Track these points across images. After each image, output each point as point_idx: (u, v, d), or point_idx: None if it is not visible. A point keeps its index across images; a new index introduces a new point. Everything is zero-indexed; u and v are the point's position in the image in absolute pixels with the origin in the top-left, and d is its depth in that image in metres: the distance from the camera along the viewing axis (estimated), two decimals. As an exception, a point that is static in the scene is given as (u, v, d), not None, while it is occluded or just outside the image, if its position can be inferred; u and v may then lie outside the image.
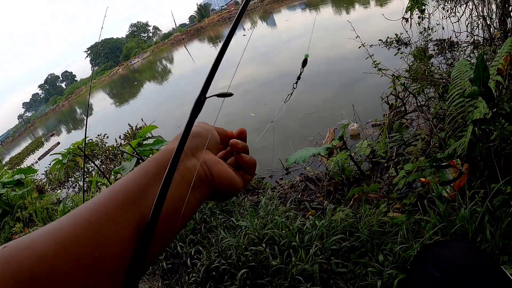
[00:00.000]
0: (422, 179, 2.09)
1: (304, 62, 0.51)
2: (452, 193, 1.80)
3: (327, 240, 1.66)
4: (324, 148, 2.95)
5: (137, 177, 0.38)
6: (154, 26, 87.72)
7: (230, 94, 0.45)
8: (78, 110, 39.58)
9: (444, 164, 1.95)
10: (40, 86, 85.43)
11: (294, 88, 0.53)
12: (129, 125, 10.16)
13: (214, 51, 27.43)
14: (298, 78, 0.51)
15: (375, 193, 2.38)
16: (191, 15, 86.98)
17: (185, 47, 46.24)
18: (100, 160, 4.23)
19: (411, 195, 2.06)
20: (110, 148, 9.41)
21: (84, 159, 3.15)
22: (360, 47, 4.21)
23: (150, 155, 3.41)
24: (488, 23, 4.10)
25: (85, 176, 8.35)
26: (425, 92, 3.86)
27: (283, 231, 1.84)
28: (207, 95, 0.40)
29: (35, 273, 0.27)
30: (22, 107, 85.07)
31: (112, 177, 6.02)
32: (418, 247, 1.42)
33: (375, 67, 3.87)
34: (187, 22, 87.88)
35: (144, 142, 3.47)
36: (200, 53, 31.06)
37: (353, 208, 2.15)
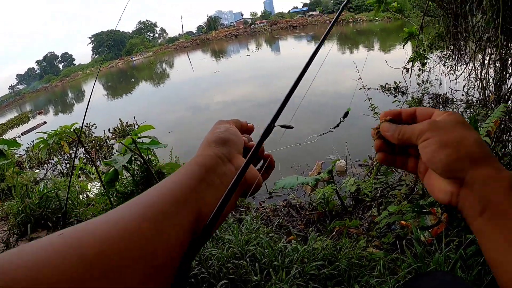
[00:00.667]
0: (403, 222, 2.21)
1: (346, 114, 0.60)
2: (429, 238, 1.91)
3: (307, 265, 1.73)
4: (313, 178, 3.06)
5: (189, 177, 0.41)
6: (161, 28, 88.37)
7: (291, 127, 0.53)
8: (70, 94, 38.96)
9: (425, 210, 2.06)
10: (38, 62, 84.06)
11: (335, 127, 0.61)
12: (120, 120, 10.14)
13: (215, 65, 27.70)
14: (337, 125, 0.59)
15: (356, 228, 2.47)
16: (199, 25, 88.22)
17: (188, 55, 46.59)
18: (84, 148, 4.21)
19: (390, 235, 2.16)
20: (97, 139, 9.35)
21: (78, 144, 3.17)
22: (360, 88, 4.38)
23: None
24: (484, 85, 4.33)
25: (67, 162, 8.25)
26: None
27: (266, 250, 1.90)
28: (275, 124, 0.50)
29: (100, 257, 0.28)
30: (15, 79, 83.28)
31: (101, 167, 5.96)
32: (393, 282, 1.51)
33: (372, 110, 4.03)
34: (194, 31, 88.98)
35: (138, 140, 3.50)
36: (201, 64, 31.28)
37: (333, 240, 2.23)
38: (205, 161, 0.45)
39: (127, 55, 65.77)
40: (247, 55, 30.96)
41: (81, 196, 4.38)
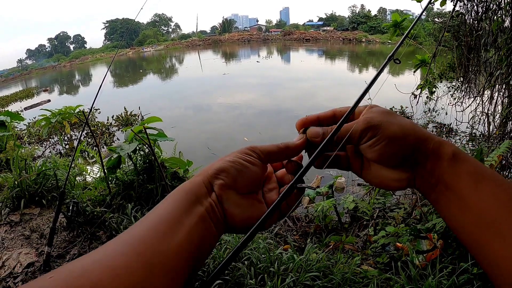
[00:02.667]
0: (398, 244, 2.23)
1: None
2: (423, 262, 1.93)
3: (302, 275, 1.75)
4: (314, 191, 3.09)
5: (175, 208, 0.40)
6: (176, 23, 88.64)
7: (314, 188, 0.55)
8: (77, 76, 38.86)
9: (422, 235, 2.08)
10: (49, 40, 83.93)
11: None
12: (125, 109, 10.17)
13: (224, 67, 27.75)
14: None
15: (351, 245, 2.49)
16: (214, 26, 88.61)
17: (199, 53, 46.71)
18: (90, 131, 4.23)
19: (384, 255, 2.18)
20: (100, 124, 9.37)
21: (84, 126, 3.18)
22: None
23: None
24: (490, 120, 4.36)
25: (67, 142, 8.25)
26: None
27: (263, 256, 1.91)
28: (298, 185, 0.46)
29: None
30: (25, 53, 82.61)
31: (104, 151, 5.96)
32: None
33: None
34: (208, 31, 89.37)
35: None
36: (211, 64, 31.36)
37: (328, 253, 2.24)
38: (192, 188, 0.43)
39: (139, 46, 65.87)
40: (257, 62, 31.08)
41: (78, 178, 4.37)
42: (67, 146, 7.97)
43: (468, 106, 5.45)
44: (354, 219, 3.26)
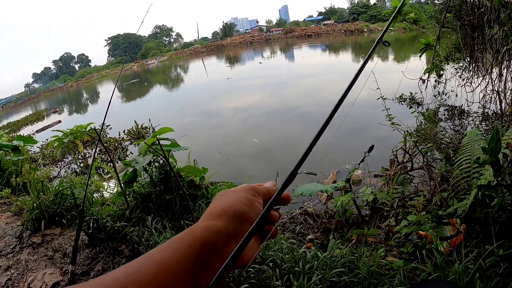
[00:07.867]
0: (421, 232, 2.20)
1: (370, 149, 0.64)
2: (448, 249, 1.90)
3: (328, 272, 1.74)
4: (332, 187, 3.05)
5: (185, 257, 0.41)
6: (177, 33, 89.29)
7: (314, 174, 0.56)
8: (84, 95, 39.43)
9: (444, 221, 2.05)
10: (54, 62, 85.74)
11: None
12: (135, 122, 10.28)
13: (229, 71, 27.84)
14: (362, 160, 0.63)
15: (374, 237, 2.47)
16: (215, 31, 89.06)
17: (202, 60, 46.90)
18: (104, 147, 4.30)
19: (408, 244, 2.15)
20: (112, 140, 9.50)
21: (97, 142, 3.22)
22: (378, 98, 4.37)
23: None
24: (501, 98, 4.28)
25: (81, 161, 8.38)
26: (432, 153, 3.99)
27: (287, 256, 1.91)
28: (298, 172, 0.52)
29: None
30: (32, 77, 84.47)
31: (119, 165, 6.03)
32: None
33: (389, 121, 4.02)
34: (210, 37, 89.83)
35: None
36: (215, 69, 31.46)
37: (351, 248, 2.23)
38: (208, 237, 0.44)
39: (143, 59, 66.56)
40: (260, 63, 31.08)
41: (95, 195, 4.43)
42: (81, 165, 8.08)
43: (478, 86, 5.36)
44: (374, 211, 3.23)
